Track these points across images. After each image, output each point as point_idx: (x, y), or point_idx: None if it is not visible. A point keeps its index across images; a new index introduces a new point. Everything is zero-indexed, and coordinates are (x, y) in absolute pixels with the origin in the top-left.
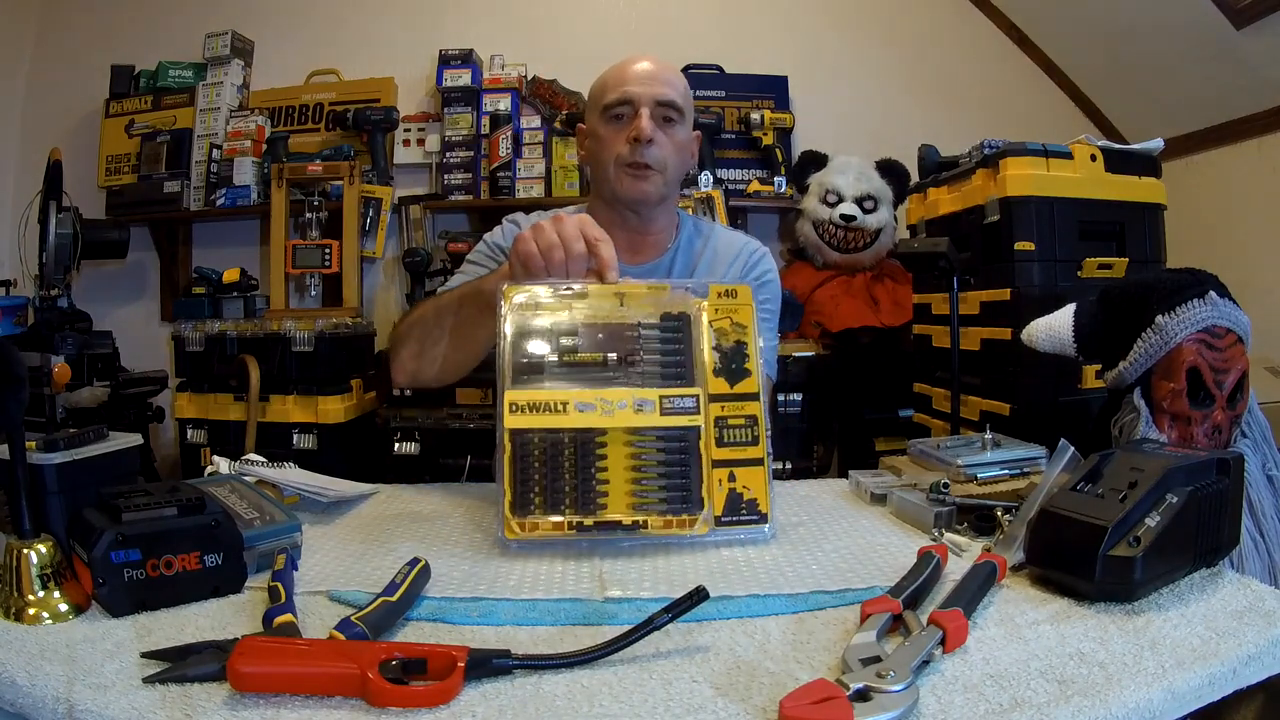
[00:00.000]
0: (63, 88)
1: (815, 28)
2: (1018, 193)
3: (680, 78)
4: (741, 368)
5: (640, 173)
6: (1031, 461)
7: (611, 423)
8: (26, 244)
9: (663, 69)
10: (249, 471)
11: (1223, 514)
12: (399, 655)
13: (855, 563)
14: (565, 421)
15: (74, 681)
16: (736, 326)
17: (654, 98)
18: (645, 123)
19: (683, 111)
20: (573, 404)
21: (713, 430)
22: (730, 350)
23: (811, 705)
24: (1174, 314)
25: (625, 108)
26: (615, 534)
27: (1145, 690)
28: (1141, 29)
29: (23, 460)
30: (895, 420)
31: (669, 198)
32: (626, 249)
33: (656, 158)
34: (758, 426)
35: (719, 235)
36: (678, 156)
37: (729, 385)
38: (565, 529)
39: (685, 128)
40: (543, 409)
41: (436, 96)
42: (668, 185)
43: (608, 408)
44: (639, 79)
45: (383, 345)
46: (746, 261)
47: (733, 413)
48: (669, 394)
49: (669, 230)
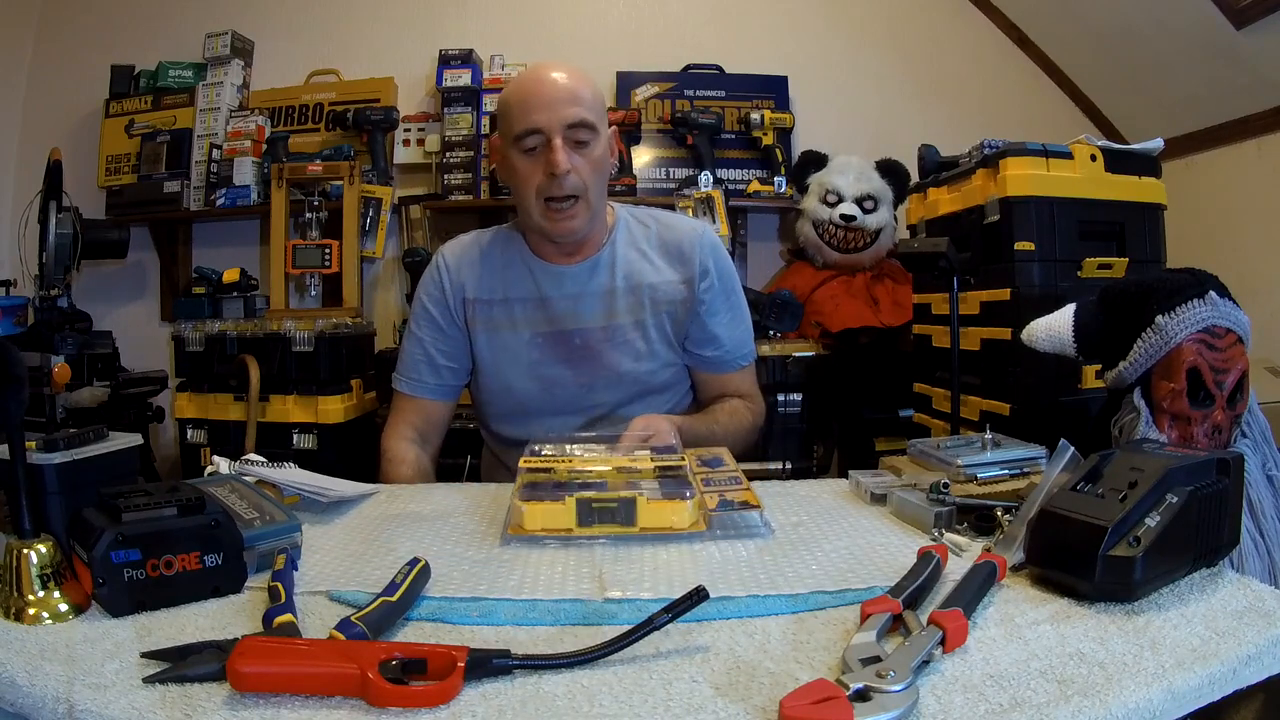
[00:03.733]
0: (63, 88)
1: (815, 28)
2: (1018, 193)
3: (587, 84)
4: (720, 464)
5: (562, 207)
6: (1031, 461)
7: (609, 466)
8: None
9: (567, 84)
10: (249, 471)
11: (1223, 514)
12: (399, 655)
13: (855, 563)
14: (570, 465)
15: (74, 681)
16: (714, 453)
17: (563, 122)
18: (559, 156)
19: (594, 125)
20: (577, 461)
21: (700, 481)
22: (710, 459)
23: (811, 705)
24: (1174, 314)
25: (536, 137)
26: (613, 525)
27: (1145, 690)
28: (1141, 29)
29: (23, 460)
30: (895, 420)
31: (597, 213)
32: (559, 253)
33: (575, 184)
34: (741, 481)
35: (659, 221)
36: (596, 172)
37: (710, 470)
38: (566, 505)
39: (601, 137)
40: (551, 462)
41: (436, 96)
42: (592, 205)
43: (605, 459)
44: (545, 104)
45: (383, 345)
46: (700, 250)
47: (717, 475)
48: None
49: (601, 228)
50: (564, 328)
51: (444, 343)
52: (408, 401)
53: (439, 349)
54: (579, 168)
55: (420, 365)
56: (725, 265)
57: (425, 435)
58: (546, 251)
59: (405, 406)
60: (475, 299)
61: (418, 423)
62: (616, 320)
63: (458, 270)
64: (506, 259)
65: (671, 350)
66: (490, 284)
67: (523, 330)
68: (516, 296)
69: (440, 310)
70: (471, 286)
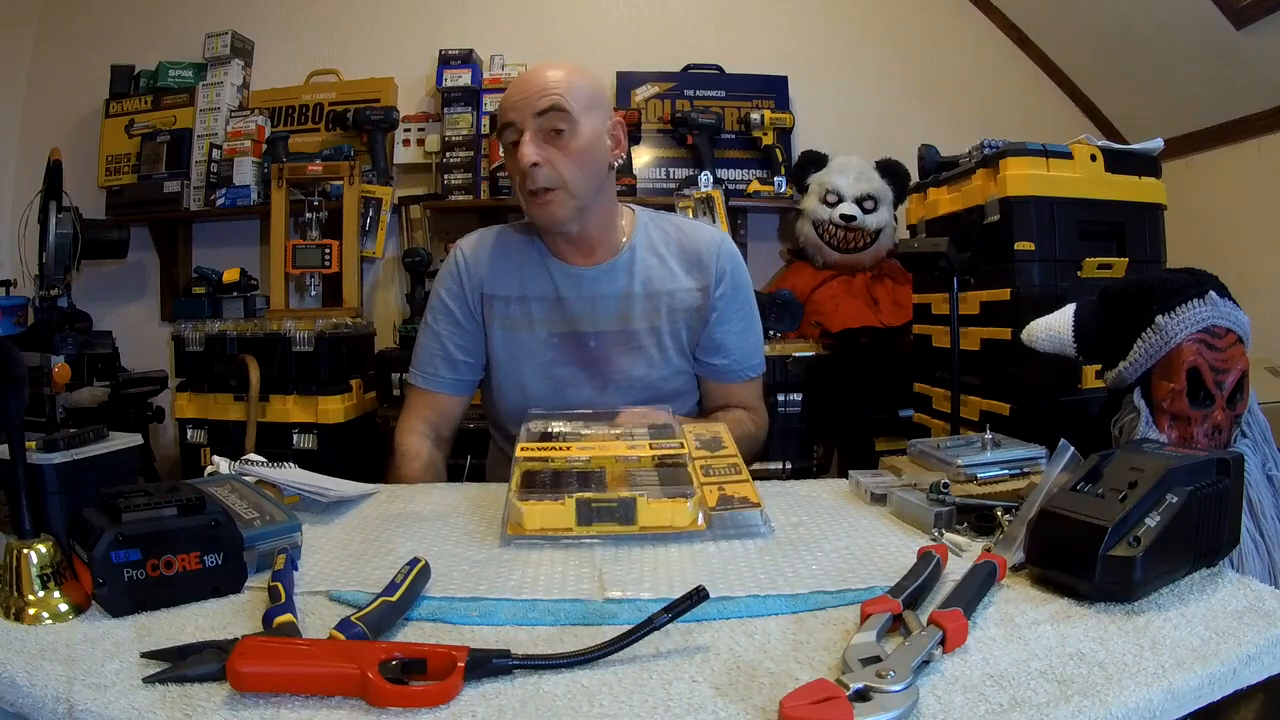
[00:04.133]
0: (63, 88)
1: (815, 28)
2: (1018, 193)
3: (572, 75)
4: (719, 445)
5: (540, 199)
6: (1031, 461)
7: (608, 453)
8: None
9: (546, 75)
10: (249, 471)
11: (1223, 514)
12: (399, 655)
13: (855, 563)
14: (568, 455)
15: (74, 681)
16: (712, 431)
17: (532, 112)
18: (525, 149)
19: (570, 113)
20: (575, 446)
21: (699, 469)
22: (709, 439)
23: (811, 705)
24: (1174, 314)
25: (511, 132)
26: (612, 524)
27: (1145, 690)
28: (1141, 29)
29: (23, 460)
30: (895, 420)
31: (589, 205)
32: (576, 253)
33: (549, 178)
34: (741, 470)
35: (680, 229)
36: (577, 165)
37: (710, 452)
38: (565, 506)
39: (583, 128)
40: (549, 448)
41: (436, 96)
42: (577, 197)
43: (604, 445)
44: (517, 98)
45: (383, 345)
46: (718, 259)
47: (716, 462)
48: (659, 440)
49: (613, 229)
50: (579, 329)
51: (461, 337)
52: (422, 396)
53: (456, 343)
54: (552, 159)
55: (436, 359)
56: (741, 276)
57: (439, 431)
58: (564, 251)
59: (419, 401)
60: (493, 295)
61: (432, 418)
62: (632, 325)
63: (476, 265)
64: (525, 256)
65: (684, 359)
66: (508, 281)
67: (539, 329)
68: (534, 295)
69: (458, 304)
70: (489, 282)
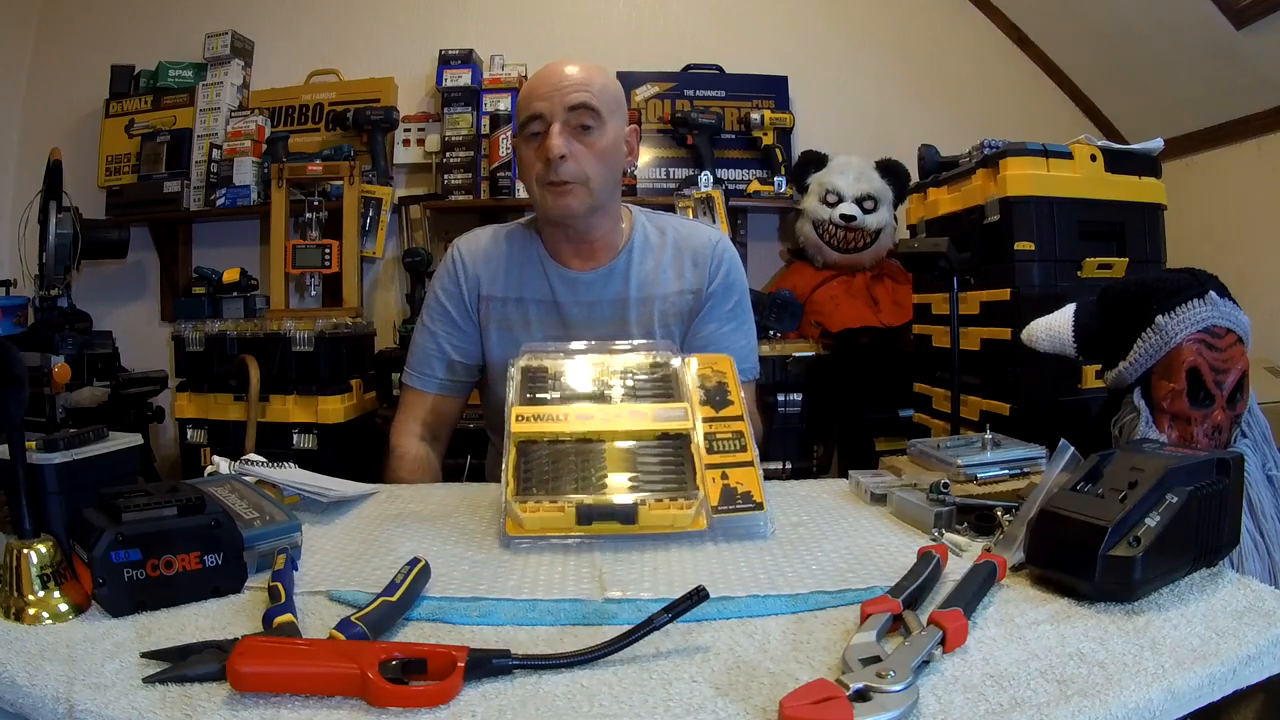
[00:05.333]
0: (63, 88)
1: (815, 28)
2: (1018, 193)
3: (600, 76)
4: (725, 399)
5: (560, 189)
6: (1031, 461)
7: (608, 426)
8: (26, 244)
9: (576, 72)
10: (249, 471)
11: (1223, 514)
12: (399, 655)
13: (855, 563)
14: (566, 427)
15: (74, 681)
16: (717, 373)
17: (564, 106)
18: (554, 140)
19: (600, 113)
20: (573, 414)
21: (703, 442)
22: (713, 388)
23: (811, 705)
24: (1174, 314)
25: (537, 123)
26: (613, 523)
27: (1145, 690)
28: (1141, 29)
29: (23, 460)
30: (895, 420)
31: (603, 205)
32: (575, 256)
33: (573, 172)
34: (744, 438)
35: (678, 230)
36: (601, 163)
37: (715, 410)
38: (565, 513)
39: (609, 129)
40: (545, 419)
41: (436, 96)
42: (595, 194)
43: (605, 417)
44: (547, 90)
45: (383, 345)
46: (712, 260)
47: (720, 429)
48: (660, 407)
49: (616, 232)
50: (576, 334)
51: (457, 337)
52: (418, 397)
53: (452, 344)
54: (578, 154)
55: (433, 360)
56: (737, 276)
57: (435, 432)
58: (563, 255)
59: (415, 402)
60: (490, 295)
61: (428, 419)
62: (627, 330)
63: (473, 265)
64: (523, 258)
65: None
66: (505, 282)
67: (536, 331)
68: (531, 297)
69: (455, 304)
70: (487, 282)
